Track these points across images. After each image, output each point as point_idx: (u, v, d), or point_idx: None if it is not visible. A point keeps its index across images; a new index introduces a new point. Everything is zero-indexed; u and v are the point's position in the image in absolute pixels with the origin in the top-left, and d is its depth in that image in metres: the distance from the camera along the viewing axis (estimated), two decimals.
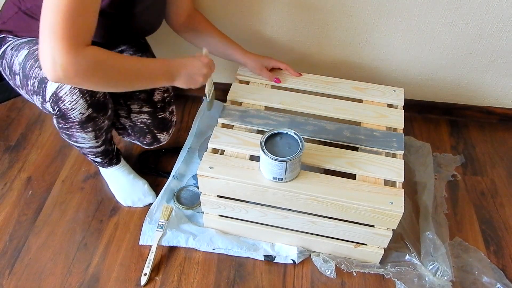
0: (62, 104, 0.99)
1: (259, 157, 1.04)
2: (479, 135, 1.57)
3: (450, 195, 1.37)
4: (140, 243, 1.22)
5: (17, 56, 1.05)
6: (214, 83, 1.68)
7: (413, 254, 1.17)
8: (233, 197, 1.12)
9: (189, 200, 1.32)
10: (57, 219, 1.27)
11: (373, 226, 1.08)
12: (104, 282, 1.14)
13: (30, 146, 1.47)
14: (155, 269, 1.17)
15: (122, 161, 1.32)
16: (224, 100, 1.26)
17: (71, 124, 1.05)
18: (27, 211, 1.29)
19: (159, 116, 1.23)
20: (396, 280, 1.14)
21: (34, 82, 1.01)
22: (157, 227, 1.22)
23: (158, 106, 1.22)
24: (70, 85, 0.94)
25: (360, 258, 1.18)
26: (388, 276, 1.15)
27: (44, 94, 1.00)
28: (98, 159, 1.25)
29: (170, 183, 1.34)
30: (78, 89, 0.99)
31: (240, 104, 1.24)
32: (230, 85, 1.29)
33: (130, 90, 1.07)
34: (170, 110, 1.25)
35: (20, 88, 1.09)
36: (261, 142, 1.02)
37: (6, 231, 1.24)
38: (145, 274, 1.14)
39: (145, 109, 1.20)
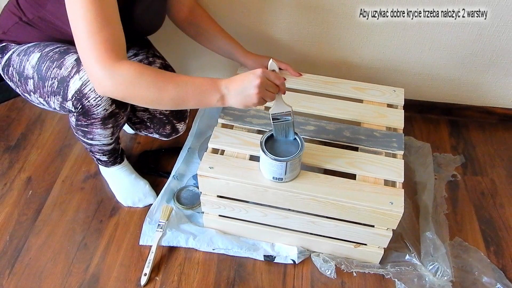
0: (87, 100, 1.00)
1: (259, 157, 1.04)
2: (479, 135, 1.57)
3: (450, 195, 1.37)
4: (140, 243, 1.22)
5: (28, 60, 1.05)
6: None
7: (413, 254, 1.17)
8: (233, 197, 1.12)
9: (189, 200, 1.32)
10: (57, 219, 1.27)
11: (373, 226, 1.08)
12: (104, 282, 1.14)
13: (30, 146, 1.47)
14: (155, 269, 1.17)
15: (125, 160, 1.32)
16: None
17: (93, 120, 1.06)
18: (27, 211, 1.29)
19: None
20: (396, 280, 1.14)
21: (53, 83, 1.01)
22: (157, 227, 1.22)
23: None
24: (118, 99, 0.93)
25: (360, 258, 1.18)
26: (388, 276, 1.15)
27: (66, 92, 1.00)
28: (105, 158, 1.25)
29: (170, 183, 1.34)
30: None
31: None
32: None
33: (178, 108, 1.06)
34: None
35: (31, 93, 1.08)
36: (261, 142, 1.02)
37: (6, 231, 1.24)
38: (145, 274, 1.14)
39: None
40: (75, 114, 1.05)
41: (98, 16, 0.83)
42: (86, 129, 1.10)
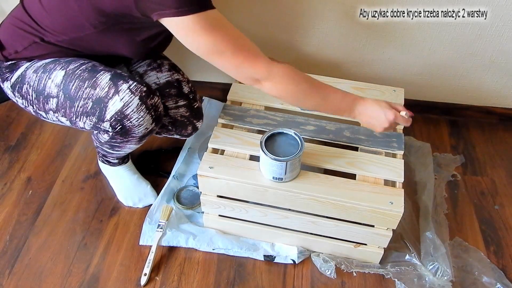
0: (128, 121, 1.00)
1: (259, 157, 1.04)
2: (479, 135, 1.57)
3: (450, 195, 1.37)
4: (140, 243, 1.22)
5: (50, 78, 1.02)
6: (213, 83, 1.68)
7: (413, 254, 1.17)
8: (233, 197, 1.12)
9: (189, 200, 1.32)
10: (57, 219, 1.27)
11: (373, 226, 1.08)
12: (104, 282, 1.14)
13: (30, 146, 1.47)
14: (155, 269, 1.17)
15: (130, 160, 1.32)
16: (224, 100, 1.26)
17: (130, 139, 1.06)
18: (27, 211, 1.29)
19: (195, 106, 1.23)
20: (396, 280, 1.14)
21: (86, 103, 1.00)
22: (157, 227, 1.22)
23: (191, 97, 1.22)
24: (274, 96, 0.99)
25: (360, 258, 1.18)
26: (388, 276, 1.15)
27: (103, 113, 0.99)
28: (115, 160, 1.26)
29: (170, 183, 1.34)
30: (144, 106, 1.00)
31: (240, 104, 1.24)
32: (230, 85, 1.29)
33: (314, 110, 1.17)
34: (199, 98, 1.26)
35: (49, 112, 1.06)
36: (261, 142, 1.02)
37: (6, 231, 1.24)
38: (145, 274, 1.14)
39: (181, 102, 1.21)
40: (111, 133, 1.04)
41: (231, 35, 0.90)
42: (118, 145, 1.11)
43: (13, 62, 1.06)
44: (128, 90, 0.98)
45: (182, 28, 0.87)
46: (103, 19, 0.93)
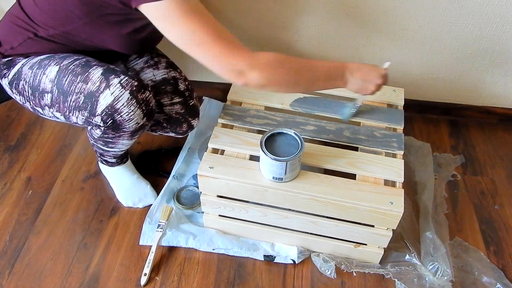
0: (119, 115, 1.00)
1: (259, 157, 1.04)
2: (479, 135, 1.57)
3: (450, 195, 1.37)
4: (140, 243, 1.22)
5: (44, 73, 1.02)
6: (213, 83, 1.68)
7: (413, 254, 1.17)
8: (233, 197, 1.12)
9: (189, 200, 1.32)
10: (57, 219, 1.27)
11: (373, 226, 1.08)
12: (104, 282, 1.14)
13: (30, 146, 1.47)
14: (155, 269, 1.17)
15: (129, 160, 1.32)
16: (224, 100, 1.26)
17: (122, 133, 1.06)
18: (27, 211, 1.29)
19: (190, 104, 1.23)
20: (396, 280, 1.14)
21: (79, 98, 1.00)
22: (157, 227, 1.22)
23: (186, 95, 1.22)
24: (258, 89, 0.96)
25: (360, 258, 1.18)
26: (388, 276, 1.15)
27: (94, 108, 0.99)
28: (113, 160, 1.26)
29: (170, 183, 1.34)
30: (135, 100, 1.00)
31: (240, 104, 1.24)
32: (230, 85, 1.29)
33: (307, 91, 1.13)
34: (195, 96, 1.26)
35: (45, 108, 1.06)
36: (261, 142, 1.02)
37: (6, 231, 1.25)
38: (145, 274, 1.14)
39: (176, 99, 1.21)
40: (102, 128, 1.05)
41: (211, 23, 0.87)
42: (111, 140, 1.11)
43: (10, 58, 1.07)
44: (119, 84, 0.98)
45: (160, 14, 0.85)
46: (85, 9, 0.94)
